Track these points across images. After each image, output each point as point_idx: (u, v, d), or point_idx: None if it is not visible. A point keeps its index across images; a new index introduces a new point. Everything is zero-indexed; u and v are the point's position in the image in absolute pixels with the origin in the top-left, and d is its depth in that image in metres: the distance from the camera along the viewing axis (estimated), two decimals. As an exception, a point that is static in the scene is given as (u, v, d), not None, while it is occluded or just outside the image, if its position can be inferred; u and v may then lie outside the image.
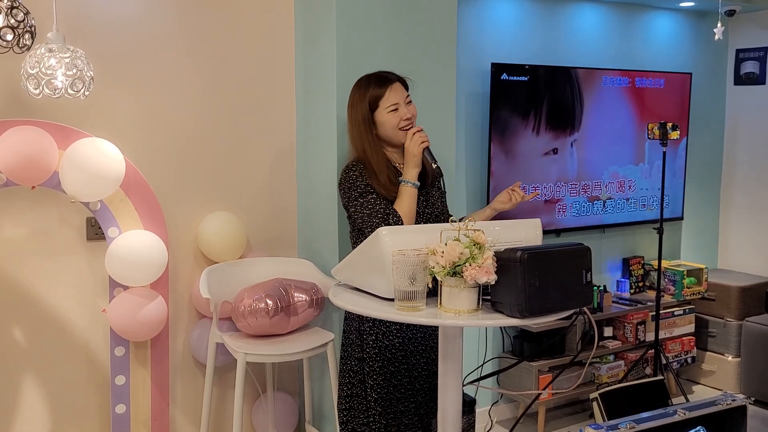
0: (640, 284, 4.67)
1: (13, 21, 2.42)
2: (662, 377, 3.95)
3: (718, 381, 4.65)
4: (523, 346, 4.03)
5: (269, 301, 2.94)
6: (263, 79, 3.38)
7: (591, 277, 2.08)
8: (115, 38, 3.05)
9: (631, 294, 4.60)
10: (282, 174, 3.47)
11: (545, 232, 3.37)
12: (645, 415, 1.86)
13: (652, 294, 4.50)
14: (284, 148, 3.46)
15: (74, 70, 2.51)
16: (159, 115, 3.16)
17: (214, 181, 3.31)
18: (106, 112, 3.04)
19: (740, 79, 5.03)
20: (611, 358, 4.25)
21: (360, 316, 2.68)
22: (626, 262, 4.65)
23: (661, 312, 4.26)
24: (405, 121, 2.65)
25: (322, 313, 3.20)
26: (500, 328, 4.13)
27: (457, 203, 3.53)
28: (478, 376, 3.27)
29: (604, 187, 4.43)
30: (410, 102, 2.70)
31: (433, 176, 2.74)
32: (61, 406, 3.08)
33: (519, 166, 4.04)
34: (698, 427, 1.86)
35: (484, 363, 3.43)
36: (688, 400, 3.41)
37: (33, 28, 2.50)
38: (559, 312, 2.05)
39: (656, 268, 4.31)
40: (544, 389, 3.89)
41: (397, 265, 1.98)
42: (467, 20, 3.94)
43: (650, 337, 4.27)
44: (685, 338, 4.55)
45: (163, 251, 2.96)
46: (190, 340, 3.28)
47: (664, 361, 4.15)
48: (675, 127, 4.04)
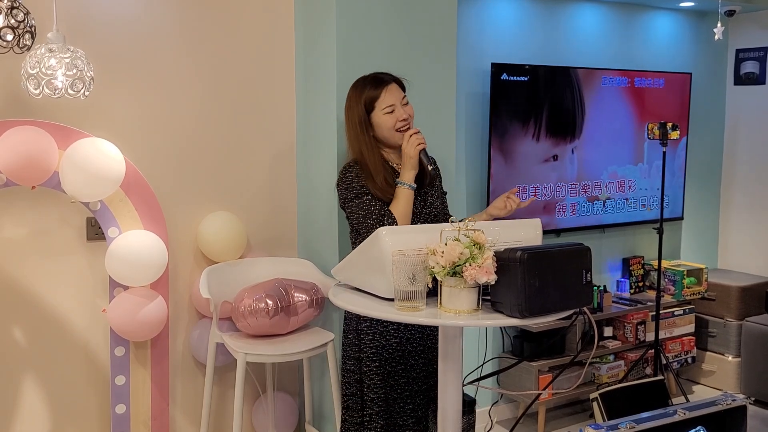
0: (640, 284, 4.67)
1: (13, 21, 2.42)
2: (662, 377, 3.95)
3: (718, 381, 4.65)
4: (523, 346, 4.03)
5: (269, 301, 2.94)
6: (263, 79, 3.38)
7: (591, 277, 2.08)
8: (115, 38, 3.05)
9: (631, 294, 4.59)
10: (282, 174, 3.47)
11: (545, 233, 3.37)
12: (645, 415, 1.86)
13: (652, 294, 4.50)
14: (284, 148, 3.46)
15: (74, 71, 2.51)
16: (159, 115, 3.17)
17: (214, 181, 3.31)
18: (106, 112, 3.04)
19: (740, 79, 5.03)
20: (611, 358, 4.25)
21: (358, 316, 2.68)
22: (626, 262, 4.64)
23: (661, 312, 4.25)
24: (401, 122, 2.64)
25: (322, 313, 3.20)
26: (500, 328, 4.13)
27: (456, 204, 3.53)
28: (478, 376, 3.27)
29: (604, 187, 4.43)
30: (407, 103, 2.68)
31: (431, 177, 2.74)
32: (61, 406, 3.08)
33: (519, 167, 4.04)
34: (698, 427, 1.86)
35: (484, 363, 3.43)
36: (688, 400, 3.41)
37: (33, 29, 2.50)
38: (559, 312, 2.05)
39: (656, 268, 4.31)
40: (544, 389, 3.89)
41: (397, 265, 1.98)
42: (467, 20, 3.94)
43: (650, 337, 4.27)
44: (685, 338, 4.55)
45: (163, 251, 2.96)
46: (190, 340, 3.28)
47: (664, 361, 4.15)
48: (675, 127, 4.04)
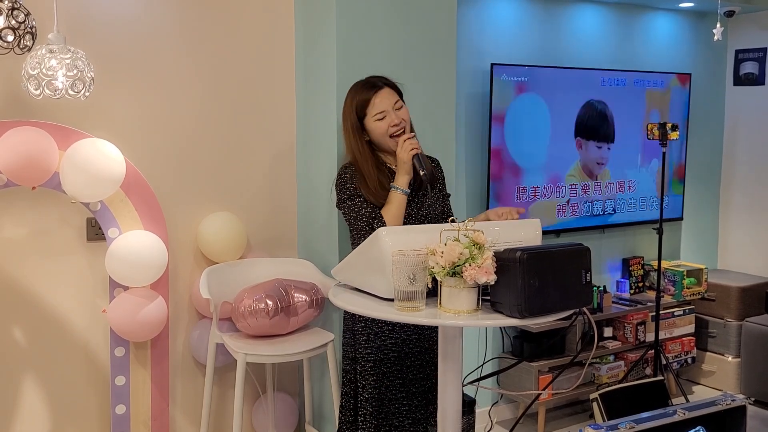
0: (640, 284, 4.67)
1: (14, 22, 2.42)
2: (662, 377, 3.95)
3: (718, 381, 4.65)
4: (523, 347, 4.03)
5: (269, 302, 2.94)
6: (263, 79, 3.38)
7: (591, 278, 2.08)
8: (115, 38, 3.05)
9: (631, 294, 4.59)
10: (282, 174, 3.47)
11: (545, 233, 3.37)
12: (645, 415, 1.86)
13: (652, 294, 4.49)
14: (284, 148, 3.46)
15: (75, 71, 2.51)
16: (159, 115, 3.17)
17: (214, 181, 3.31)
18: (106, 113, 3.04)
19: (739, 80, 5.03)
20: (611, 358, 4.25)
21: (354, 316, 2.68)
22: (626, 263, 4.65)
23: (661, 312, 4.25)
24: (393, 127, 2.61)
25: (322, 314, 3.20)
26: (500, 328, 4.13)
27: (456, 204, 3.53)
28: (478, 377, 3.27)
29: (604, 188, 4.43)
30: (400, 107, 2.65)
31: (431, 178, 2.72)
32: (61, 406, 3.08)
33: (519, 167, 4.04)
34: (698, 428, 1.86)
35: (484, 363, 3.42)
36: (688, 401, 3.41)
37: (34, 29, 2.50)
38: (558, 312, 2.04)
39: (656, 268, 4.31)
40: (544, 389, 3.89)
41: (397, 266, 1.98)
42: (467, 20, 3.94)
43: (650, 338, 4.27)
44: (685, 338, 4.55)
45: (163, 252, 2.97)
46: (190, 340, 3.28)
47: (664, 362, 4.15)
48: (675, 128, 4.04)
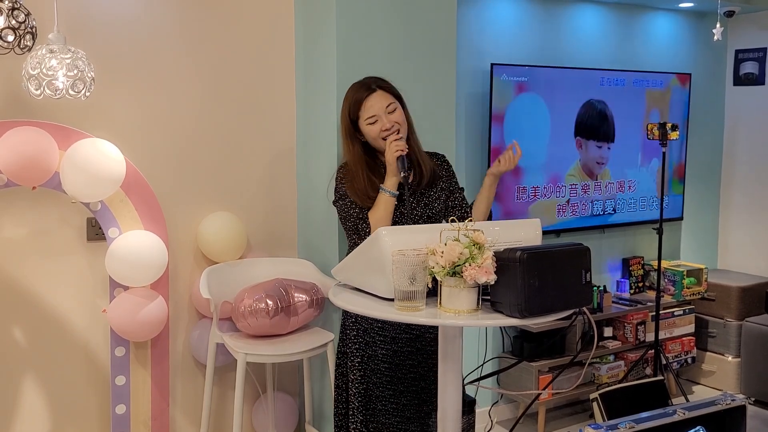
0: (640, 284, 4.67)
1: (14, 22, 2.42)
2: (662, 377, 3.95)
3: (718, 381, 4.65)
4: (523, 346, 4.03)
5: (269, 302, 2.94)
6: (263, 79, 3.38)
7: (590, 277, 2.09)
8: (115, 38, 3.05)
9: (631, 294, 4.60)
10: (282, 174, 3.47)
11: (545, 232, 3.37)
12: (645, 415, 1.86)
13: (652, 294, 4.49)
14: (284, 148, 3.46)
15: (75, 71, 2.51)
16: (159, 115, 3.17)
17: (214, 181, 3.31)
18: (106, 113, 3.05)
19: (739, 80, 5.03)
20: (611, 358, 4.25)
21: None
22: (626, 263, 4.65)
23: (661, 312, 4.25)
24: (384, 131, 2.63)
25: (322, 313, 3.20)
26: (500, 328, 4.13)
27: (457, 203, 3.52)
28: (478, 376, 3.27)
29: (604, 187, 4.43)
30: (394, 110, 2.64)
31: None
32: (61, 406, 3.08)
33: (519, 167, 4.04)
34: (698, 427, 1.86)
35: (484, 363, 3.43)
36: (688, 401, 3.41)
37: (34, 29, 2.50)
38: (558, 312, 2.04)
39: (656, 268, 4.31)
40: (544, 389, 3.89)
41: (397, 265, 1.98)
42: (467, 20, 3.94)
43: (650, 338, 4.27)
44: (685, 338, 4.56)
45: (163, 251, 2.97)
46: (190, 340, 3.28)
47: (664, 362, 4.15)
48: (675, 127, 4.04)
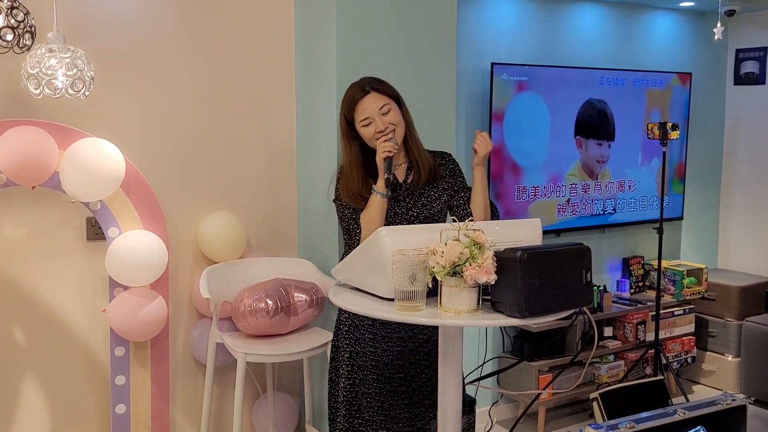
0: (640, 284, 4.67)
1: (13, 21, 2.42)
2: (662, 377, 3.95)
3: (718, 381, 4.65)
4: (523, 346, 4.03)
5: (269, 301, 2.94)
6: (263, 79, 3.38)
7: (591, 277, 2.08)
8: (115, 38, 3.05)
9: (631, 294, 4.59)
10: (282, 174, 3.47)
11: (545, 232, 3.37)
12: (645, 414, 1.86)
13: (652, 294, 4.49)
14: (284, 148, 3.46)
15: (74, 71, 2.51)
16: (159, 115, 3.17)
17: (214, 181, 3.31)
18: (106, 112, 3.04)
19: (740, 79, 5.03)
20: (611, 358, 4.25)
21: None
22: (626, 262, 4.64)
23: (661, 312, 4.25)
24: (378, 133, 2.63)
25: (322, 313, 3.20)
26: (500, 328, 4.13)
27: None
28: (478, 376, 3.27)
29: (604, 187, 4.43)
30: (388, 111, 2.64)
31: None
32: (61, 406, 3.08)
33: (519, 166, 4.04)
34: (698, 427, 1.86)
35: (484, 363, 3.43)
36: (688, 400, 3.41)
37: (33, 28, 2.50)
38: (559, 312, 2.04)
39: (656, 268, 4.31)
40: (544, 389, 3.89)
41: (397, 265, 1.98)
42: (467, 20, 3.94)
43: (650, 337, 4.27)
44: (685, 338, 4.55)
45: (163, 251, 2.96)
46: (190, 340, 3.28)
47: (664, 361, 4.15)
48: (675, 127, 4.04)
